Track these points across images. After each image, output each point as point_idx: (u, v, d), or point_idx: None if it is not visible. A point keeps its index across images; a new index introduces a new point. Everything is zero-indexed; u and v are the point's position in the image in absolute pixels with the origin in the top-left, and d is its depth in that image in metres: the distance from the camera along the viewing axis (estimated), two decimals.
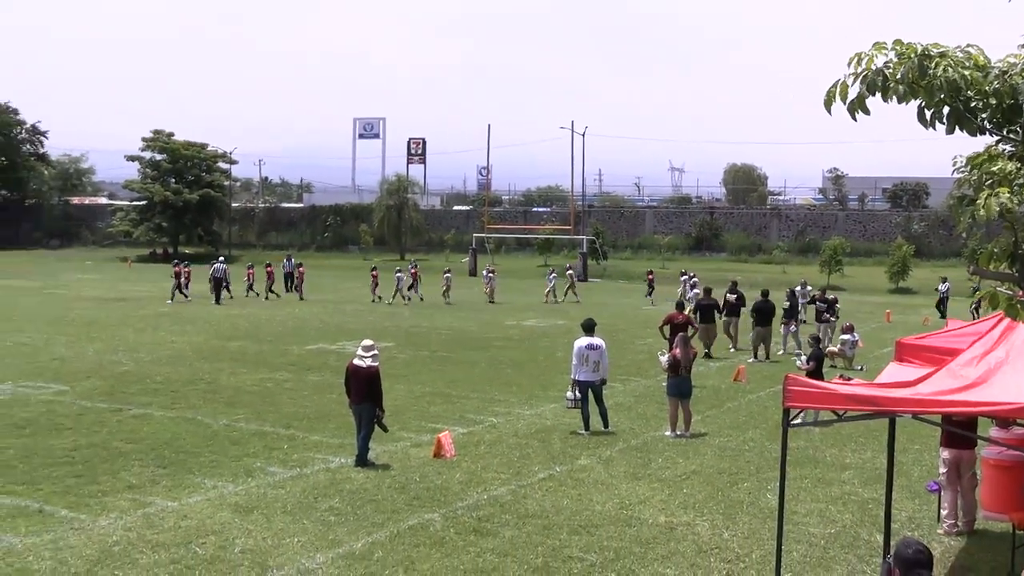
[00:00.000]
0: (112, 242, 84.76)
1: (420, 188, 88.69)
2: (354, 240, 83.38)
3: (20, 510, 10.53)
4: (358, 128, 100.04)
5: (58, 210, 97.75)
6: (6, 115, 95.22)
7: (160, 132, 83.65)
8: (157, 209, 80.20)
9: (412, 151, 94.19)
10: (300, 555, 9.30)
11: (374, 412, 12.68)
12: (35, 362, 21.32)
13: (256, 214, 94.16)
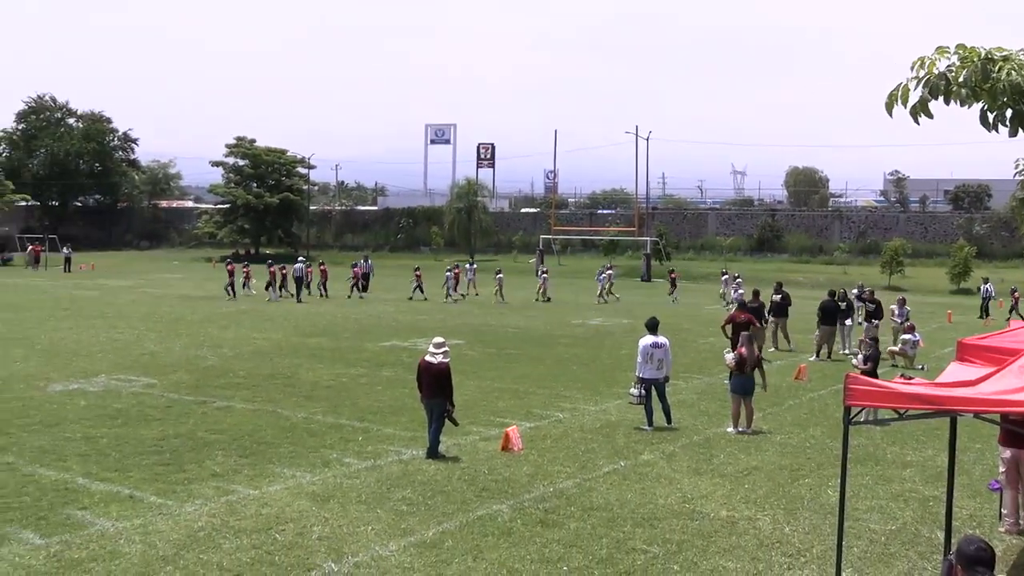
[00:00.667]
0: (197, 243, 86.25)
1: (489, 191, 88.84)
2: (426, 241, 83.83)
3: (112, 496, 10.77)
4: (430, 134, 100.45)
5: (148, 213, 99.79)
6: (100, 124, 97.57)
7: (243, 139, 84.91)
8: (240, 212, 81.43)
9: (481, 156, 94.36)
10: (374, 543, 9.38)
11: (445, 406, 12.74)
12: (127, 357, 21.79)
13: (333, 216, 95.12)
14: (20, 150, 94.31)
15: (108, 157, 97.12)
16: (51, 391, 17.26)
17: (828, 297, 24.13)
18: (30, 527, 9.63)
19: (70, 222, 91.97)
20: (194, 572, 8.51)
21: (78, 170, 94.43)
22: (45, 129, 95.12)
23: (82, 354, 22.04)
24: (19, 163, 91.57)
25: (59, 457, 12.48)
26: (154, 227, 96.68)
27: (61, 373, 19.19)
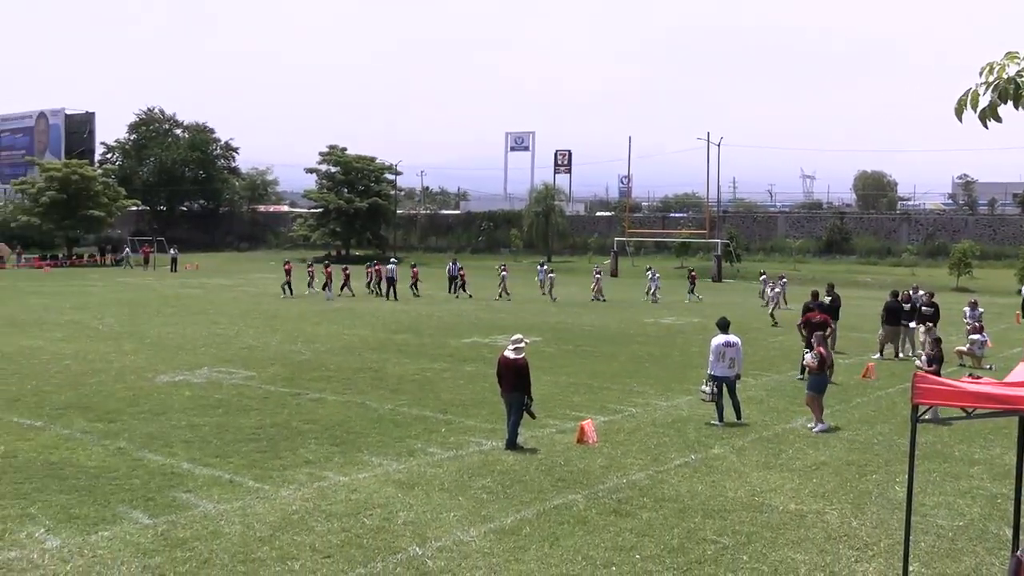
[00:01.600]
0: (292, 245, 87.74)
1: (565, 196, 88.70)
2: (505, 243, 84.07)
3: (214, 480, 11.01)
4: (510, 142, 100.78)
5: (247, 217, 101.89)
6: (204, 134, 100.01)
7: (335, 147, 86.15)
8: (332, 216, 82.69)
9: (559, 162, 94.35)
10: (456, 528, 9.43)
11: (523, 400, 12.75)
12: (227, 350, 22.25)
13: (418, 220, 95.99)
14: (132, 159, 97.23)
15: (211, 165, 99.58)
16: (159, 382, 17.70)
17: (891, 298, 23.58)
18: (139, 507, 9.89)
19: (176, 225, 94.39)
20: (288, 552, 8.65)
21: (184, 177, 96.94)
22: (154, 139, 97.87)
23: (187, 348, 22.57)
24: (131, 171, 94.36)
25: (166, 443, 12.78)
26: (253, 230, 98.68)
27: (168, 365, 19.67)
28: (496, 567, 8.41)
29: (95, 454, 12.12)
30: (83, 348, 22.24)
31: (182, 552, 8.59)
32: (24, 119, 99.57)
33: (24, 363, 19.74)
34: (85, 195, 71.48)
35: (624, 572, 8.38)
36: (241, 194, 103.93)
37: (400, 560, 8.52)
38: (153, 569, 8.18)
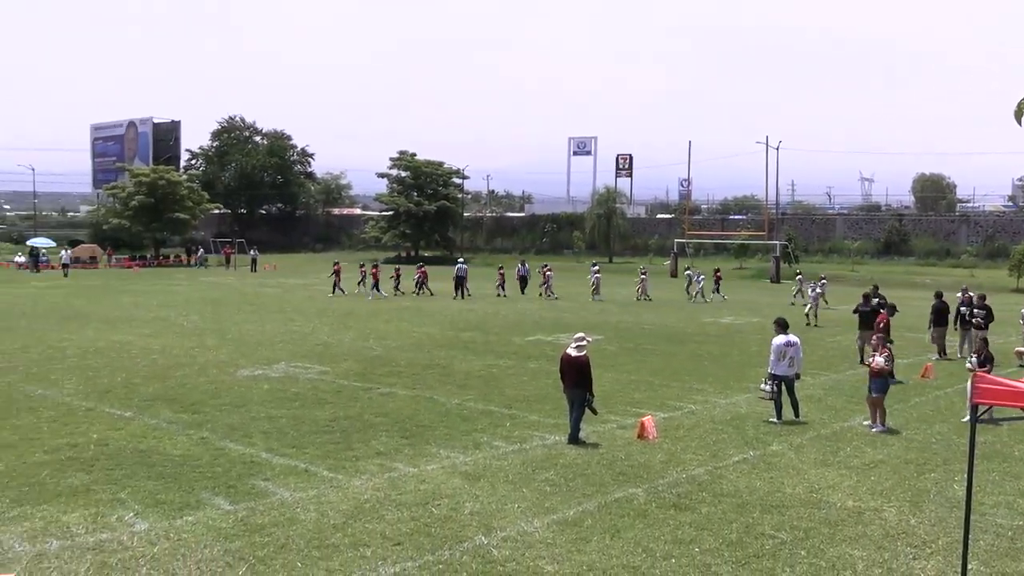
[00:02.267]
0: (364, 246, 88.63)
1: (627, 198, 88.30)
2: (568, 245, 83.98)
3: (291, 469, 11.17)
4: (573, 146, 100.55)
5: (322, 219, 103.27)
6: (282, 141, 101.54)
7: (405, 153, 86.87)
8: (402, 218, 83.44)
9: (620, 166, 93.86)
10: (520, 519, 9.44)
11: (585, 396, 12.72)
12: (303, 347, 22.56)
13: (484, 222, 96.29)
14: (214, 165, 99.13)
15: (288, 170, 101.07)
16: (239, 376, 18.01)
17: (937, 299, 23.02)
18: (221, 494, 10.08)
19: (256, 227, 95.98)
20: (360, 539, 8.74)
21: (263, 182, 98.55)
22: (235, 146, 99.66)
23: (265, 344, 22.94)
24: (213, 176, 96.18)
25: (245, 434, 13.01)
26: (327, 232, 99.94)
27: (247, 360, 20.01)
28: (559, 557, 8.40)
29: (180, 443, 12.39)
30: (169, 343, 22.74)
31: (260, 537, 8.73)
32: (115, 128, 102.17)
33: (115, 357, 20.26)
34: (171, 199, 73.11)
35: (683, 565, 8.31)
36: (316, 198, 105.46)
37: (466, 549, 8.56)
38: (233, 553, 8.32)
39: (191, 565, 8.03)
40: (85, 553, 8.27)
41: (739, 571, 8.20)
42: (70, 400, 15.29)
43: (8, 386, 16.52)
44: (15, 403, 14.96)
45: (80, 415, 14.10)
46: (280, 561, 8.16)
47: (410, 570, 8.02)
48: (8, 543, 8.47)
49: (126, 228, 73.90)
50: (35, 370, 18.36)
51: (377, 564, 8.14)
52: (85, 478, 10.62)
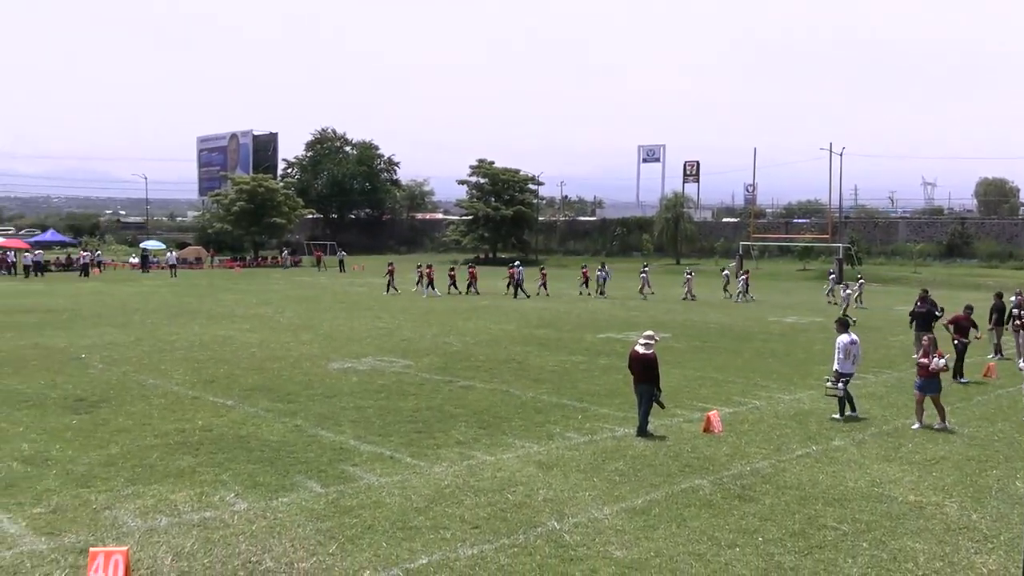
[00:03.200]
0: (446, 248, 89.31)
1: (694, 203, 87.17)
2: (637, 247, 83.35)
3: (377, 456, 11.31)
4: (642, 154, 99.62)
5: (406, 224, 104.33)
6: (370, 150, 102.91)
7: (483, 161, 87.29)
8: (481, 222, 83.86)
9: (687, 172, 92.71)
10: (591, 506, 9.41)
11: (653, 391, 12.61)
12: (389, 342, 22.82)
13: (558, 225, 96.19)
14: (308, 173, 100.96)
15: (376, 177, 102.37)
16: (330, 369, 18.30)
17: (996, 299, 22.24)
18: (313, 478, 10.26)
19: (346, 231, 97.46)
20: (441, 522, 8.81)
21: (352, 188, 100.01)
22: (327, 156, 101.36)
23: (354, 339, 23.27)
24: (307, 184, 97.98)
25: (336, 422, 13.21)
26: (411, 235, 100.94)
27: (338, 354, 20.33)
28: (627, 543, 8.35)
29: (276, 430, 12.65)
30: (266, 338, 23.24)
31: (349, 518, 8.87)
32: (219, 140, 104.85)
33: (218, 350, 20.78)
34: (269, 205, 74.78)
35: (747, 553, 8.18)
36: (401, 203, 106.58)
37: (540, 533, 8.56)
38: (324, 532, 8.47)
39: (286, 542, 8.20)
40: (191, 529, 8.51)
41: (802, 561, 8.04)
42: (178, 389, 15.74)
43: (123, 376, 17.08)
44: (129, 391, 15.46)
45: (187, 403, 14.51)
46: (367, 541, 8.27)
47: (487, 552, 8.06)
48: (123, 519, 8.77)
49: (228, 232, 75.98)
50: (147, 361, 18.94)
51: (456, 546, 8.20)
52: (191, 460, 10.92)
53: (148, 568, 7.55)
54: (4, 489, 9.64)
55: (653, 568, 7.80)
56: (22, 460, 10.82)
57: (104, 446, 11.57)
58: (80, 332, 24.02)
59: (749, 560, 8.02)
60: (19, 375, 16.94)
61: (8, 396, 14.84)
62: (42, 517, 8.76)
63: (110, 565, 7.11)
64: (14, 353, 19.82)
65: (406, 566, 7.71)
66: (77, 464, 10.68)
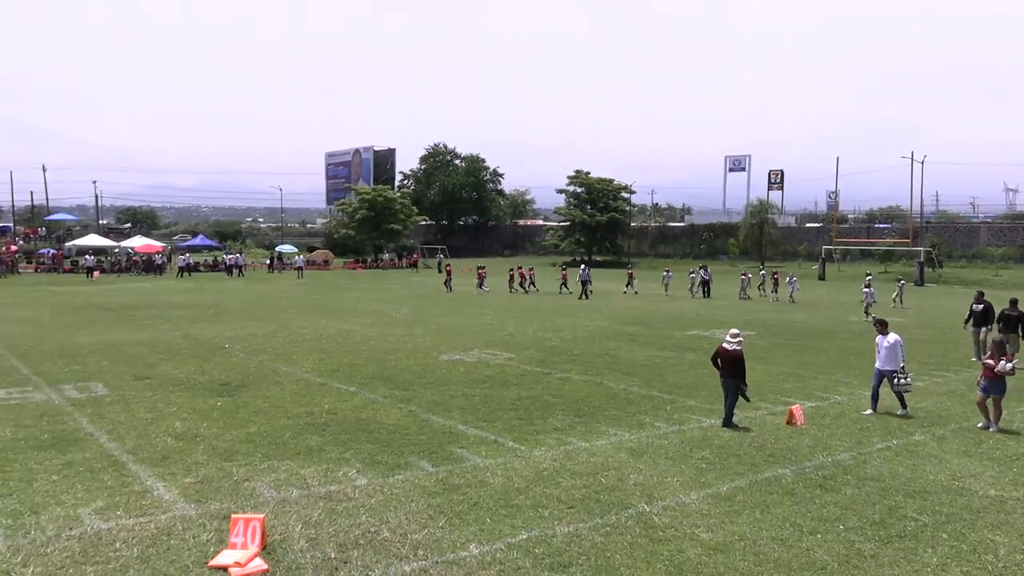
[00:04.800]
0: (545, 252, 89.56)
1: (778, 209, 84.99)
2: (723, 251, 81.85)
3: (482, 440, 11.39)
4: (728, 164, 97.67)
5: (509, 229, 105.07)
6: (477, 163, 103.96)
7: (580, 171, 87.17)
8: (577, 228, 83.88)
9: (772, 180, 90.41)
10: (678, 491, 9.26)
11: (738, 385, 12.33)
12: (494, 336, 22.97)
13: (649, 231, 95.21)
14: (422, 184, 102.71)
15: (482, 187, 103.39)
16: (441, 360, 18.52)
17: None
18: (425, 458, 10.40)
19: (455, 236, 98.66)
20: (540, 502, 8.81)
21: (461, 198, 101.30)
22: (439, 168, 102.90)
23: (462, 334, 23.50)
24: (421, 193, 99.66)
25: (445, 408, 13.36)
26: (514, 239, 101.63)
27: (447, 347, 20.56)
28: (713, 527, 8.19)
29: (393, 414, 12.88)
30: (384, 332, 23.71)
31: (457, 495, 8.96)
32: (344, 155, 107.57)
33: (342, 342, 21.31)
34: (387, 213, 76.45)
35: (828, 540, 7.91)
36: (505, 211, 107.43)
37: (631, 515, 8.48)
38: (435, 508, 8.58)
39: (401, 515, 8.34)
40: (318, 501, 8.74)
41: (882, 549, 7.72)
42: (307, 376, 16.21)
43: (261, 364, 17.69)
44: (266, 377, 16.00)
45: (315, 389, 14.92)
46: (473, 516, 8.35)
47: (582, 530, 8.03)
48: (259, 490, 9.08)
49: (352, 237, 78.11)
50: (281, 351, 19.57)
51: (554, 523, 8.19)
52: (319, 440, 11.23)
53: (281, 534, 7.80)
54: (161, 461, 10.12)
55: (737, 551, 7.62)
56: (175, 436, 11.34)
57: (244, 425, 12.01)
58: (224, 325, 25.02)
59: (830, 546, 7.75)
60: (173, 362, 17.76)
61: (164, 380, 15.57)
62: (192, 486, 9.15)
63: (248, 530, 7.37)
64: (169, 343, 20.79)
65: (508, 540, 7.74)
66: (221, 440, 11.12)
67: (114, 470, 9.71)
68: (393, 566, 7.14)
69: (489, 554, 7.42)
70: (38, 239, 77.36)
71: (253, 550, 7.23)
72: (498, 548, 7.56)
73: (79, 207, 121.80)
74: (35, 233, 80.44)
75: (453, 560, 7.28)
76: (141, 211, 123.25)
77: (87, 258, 55.26)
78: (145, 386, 14.99)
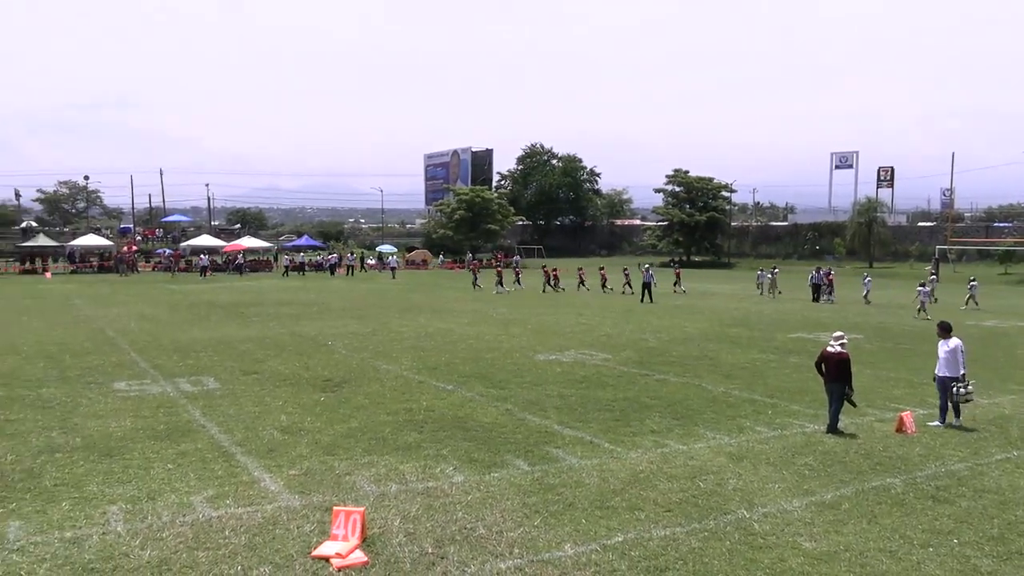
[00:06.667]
0: (642, 252, 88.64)
1: (888, 208, 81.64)
2: (829, 251, 79.15)
3: (577, 440, 11.36)
4: (834, 161, 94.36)
5: (606, 229, 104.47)
6: (574, 163, 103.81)
7: (679, 170, 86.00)
8: (675, 228, 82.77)
9: (881, 178, 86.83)
10: (780, 498, 9.01)
11: (844, 390, 11.89)
12: (590, 337, 22.88)
13: (750, 231, 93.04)
14: (519, 184, 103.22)
15: (579, 188, 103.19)
16: (537, 359, 18.57)
17: None
18: (521, 457, 10.44)
19: (551, 236, 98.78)
20: (636, 504, 8.73)
21: (558, 198, 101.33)
22: (536, 169, 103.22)
23: (558, 333, 23.50)
24: (518, 194, 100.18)
25: (541, 408, 13.38)
26: (611, 239, 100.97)
27: (544, 347, 20.60)
28: (816, 536, 7.93)
29: (489, 413, 12.99)
30: (481, 331, 23.94)
31: (552, 495, 8.96)
32: (443, 156, 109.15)
33: (441, 341, 21.63)
34: (485, 213, 77.27)
35: (942, 554, 7.54)
36: (602, 210, 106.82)
37: (730, 520, 8.30)
38: (530, 506, 8.61)
39: (496, 513, 8.40)
40: (416, 496, 8.90)
41: (1000, 566, 7.31)
42: (406, 374, 16.52)
43: (362, 361, 18.15)
44: (366, 374, 16.40)
45: (414, 386, 15.20)
46: (568, 516, 8.33)
47: (679, 534, 7.91)
48: (360, 484, 9.31)
49: (450, 237, 79.20)
50: (381, 349, 20.02)
51: (650, 526, 8.10)
52: (417, 436, 11.43)
53: (380, 527, 7.97)
54: (267, 453, 10.51)
55: (843, 561, 7.36)
56: (281, 429, 11.75)
57: (346, 420, 12.35)
58: (327, 323, 25.77)
59: (943, 561, 7.40)
60: (279, 358, 18.41)
61: (271, 376, 16.16)
62: (296, 479, 9.46)
63: (349, 522, 7.57)
64: (276, 340, 21.56)
65: (603, 542, 7.70)
66: (324, 435, 11.46)
67: (224, 460, 10.14)
68: (489, 563, 7.20)
69: (584, 555, 7.40)
70: (155, 239, 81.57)
71: (354, 542, 7.42)
72: (593, 549, 7.53)
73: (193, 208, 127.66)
74: (153, 234, 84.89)
75: (548, 559, 7.29)
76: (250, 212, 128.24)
77: (202, 258, 57.91)
78: (253, 380, 15.59)
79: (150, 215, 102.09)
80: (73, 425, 11.91)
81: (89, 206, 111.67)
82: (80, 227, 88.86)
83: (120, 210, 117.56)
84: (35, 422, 12.09)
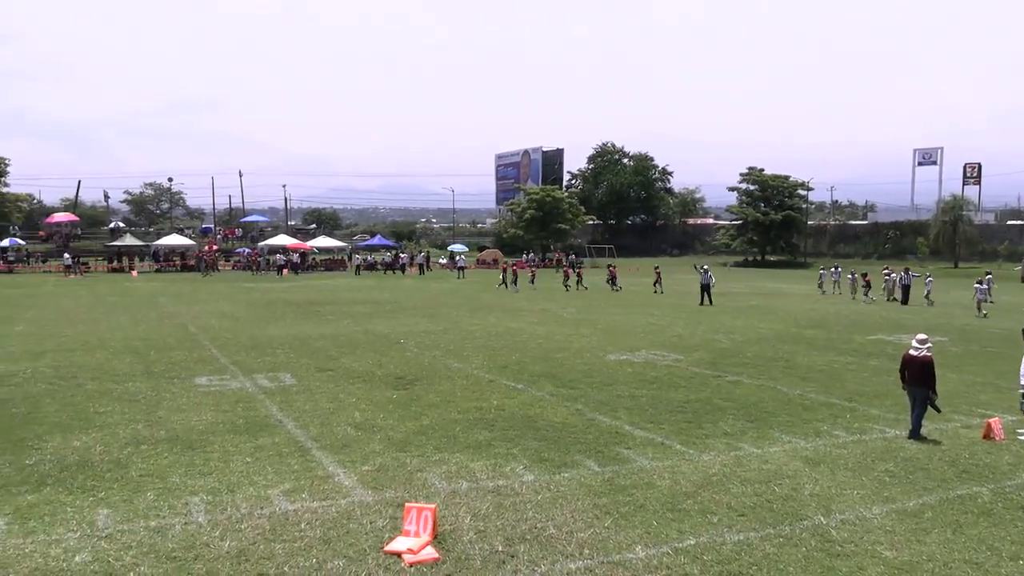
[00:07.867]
0: (715, 252, 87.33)
1: (974, 206, 78.54)
2: (911, 251, 76.53)
3: (648, 441, 11.26)
4: (917, 157, 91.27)
5: (678, 229, 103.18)
6: (645, 162, 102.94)
7: (753, 168, 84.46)
8: (750, 227, 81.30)
9: (967, 174, 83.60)
10: (858, 505, 8.75)
11: (927, 395, 11.48)
12: (661, 337, 22.64)
13: (827, 230, 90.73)
14: (589, 183, 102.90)
15: (651, 186, 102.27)
16: (608, 359, 18.48)
17: None
18: (591, 457, 10.40)
19: (622, 236, 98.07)
20: (708, 507, 8.60)
21: (629, 197, 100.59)
22: (607, 168, 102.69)
23: (629, 334, 23.33)
24: (589, 193, 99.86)
25: (612, 408, 13.31)
26: (683, 239, 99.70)
27: (614, 347, 20.48)
28: (897, 544, 7.68)
29: (560, 412, 12.97)
30: (551, 330, 23.93)
31: (623, 496, 8.90)
32: (514, 156, 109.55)
33: (511, 340, 21.70)
34: (555, 213, 77.22)
35: None
36: (674, 210, 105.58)
37: (806, 527, 8.10)
38: (600, 507, 8.56)
39: (566, 513, 8.39)
40: (486, 495, 8.95)
41: None
42: (477, 373, 16.63)
43: (433, 359, 18.34)
44: (438, 373, 16.56)
45: (484, 385, 15.29)
46: (639, 518, 8.26)
47: (753, 539, 7.76)
48: (431, 481, 9.41)
49: (520, 236, 79.38)
50: (452, 348, 20.19)
51: (723, 531, 7.97)
52: (487, 435, 11.49)
53: (451, 524, 8.04)
54: (341, 448, 10.71)
55: (925, 572, 7.11)
56: (355, 426, 11.96)
57: (417, 418, 12.49)
58: (399, 321, 26.13)
59: None
60: (353, 355, 18.74)
61: (345, 373, 16.47)
62: (369, 474, 9.62)
63: (421, 519, 7.66)
64: (350, 338, 21.96)
65: (675, 545, 7.61)
66: (396, 432, 11.62)
67: (300, 455, 10.37)
68: (559, 563, 7.19)
69: (656, 557, 7.32)
70: (235, 239, 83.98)
71: (425, 538, 7.50)
72: (665, 552, 7.44)
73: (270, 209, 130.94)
74: (232, 234, 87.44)
75: (619, 561, 7.23)
76: (325, 213, 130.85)
77: (279, 257, 59.34)
78: (328, 377, 15.91)
79: (230, 215, 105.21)
80: (157, 418, 12.36)
81: (173, 207, 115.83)
82: (164, 227, 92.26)
83: (201, 210, 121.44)
84: (122, 415, 12.59)
